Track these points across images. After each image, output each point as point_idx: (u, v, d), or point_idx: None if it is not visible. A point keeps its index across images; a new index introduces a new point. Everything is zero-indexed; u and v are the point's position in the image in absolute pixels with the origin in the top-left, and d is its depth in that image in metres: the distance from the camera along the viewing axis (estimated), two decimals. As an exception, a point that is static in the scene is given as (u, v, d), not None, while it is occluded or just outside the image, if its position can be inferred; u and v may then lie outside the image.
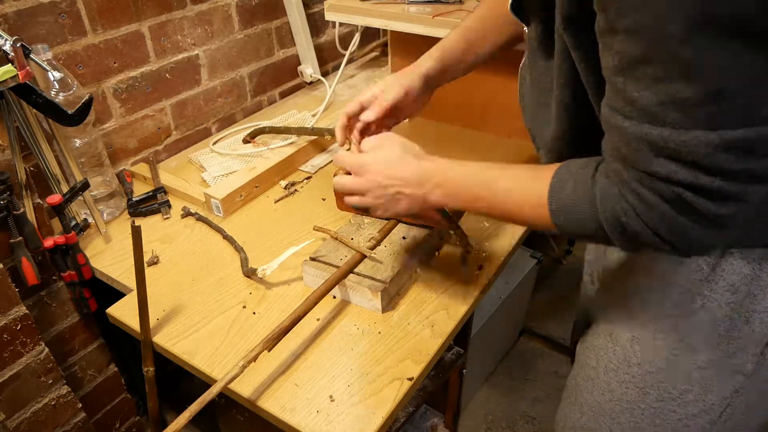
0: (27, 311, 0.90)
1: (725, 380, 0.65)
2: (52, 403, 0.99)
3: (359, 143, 0.80)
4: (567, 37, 0.56)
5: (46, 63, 0.91)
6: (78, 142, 1.05)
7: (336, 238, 0.94)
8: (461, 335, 1.14)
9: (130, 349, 1.21)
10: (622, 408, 0.73)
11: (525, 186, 0.63)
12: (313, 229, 0.99)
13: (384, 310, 0.87)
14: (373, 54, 1.79)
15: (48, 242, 0.94)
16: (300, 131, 1.28)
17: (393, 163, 0.72)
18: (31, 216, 0.91)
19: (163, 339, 0.86)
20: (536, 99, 0.70)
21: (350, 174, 0.76)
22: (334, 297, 0.91)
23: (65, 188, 0.99)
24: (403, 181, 0.71)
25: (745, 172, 0.46)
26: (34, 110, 0.90)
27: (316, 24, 1.60)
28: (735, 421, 0.68)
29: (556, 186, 0.60)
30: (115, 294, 0.97)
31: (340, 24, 1.62)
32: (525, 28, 0.68)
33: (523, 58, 0.73)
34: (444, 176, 0.69)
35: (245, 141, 1.31)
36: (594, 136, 0.59)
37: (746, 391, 0.65)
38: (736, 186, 0.47)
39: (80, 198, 1.01)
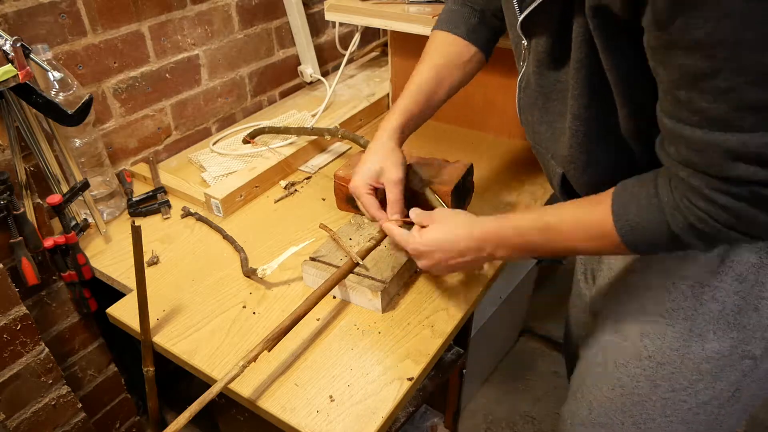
0: (27, 311, 0.90)
1: (735, 366, 0.67)
2: (52, 403, 0.99)
3: (402, 220, 0.85)
4: (601, 41, 0.56)
5: (46, 63, 0.91)
6: (78, 142, 1.05)
7: (334, 239, 0.94)
8: (461, 335, 1.14)
9: (130, 349, 1.21)
10: (634, 401, 0.75)
11: (585, 220, 0.63)
12: (319, 227, 0.99)
13: (384, 310, 0.87)
14: (373, 54, 1.79)
15: (48, 242, 0.94)
16: (300, 131, 1.28)
17: (446, 243, 0.75)
18: (31, 216, 0.91)
19: (163, 339, 0.86)
20: (544, 111, 0.71)
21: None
22: (334, 297, 0.91)
23: (65, 188, 0.99)
24: (460, 254, 0.74)
25: None
26: (34, 110, 0.90)
27: (316, 24, 1.60)
28: (743, 402, 0.70)
29: (619, 211, 0.60)
30: (115, 294, 0.97)
31: (340, 24, 1.62)
32: (524, 41, 0.68)
33: (522, 71, 0.73)
34: (499, 237, 0.71)
35: (245, 141, 1.31)
36: (611, 143, 0.60)
37: (755, 373, 0.67)
38: None
39: (80, 198, 1.01)
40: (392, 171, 0.86)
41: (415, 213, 0.82)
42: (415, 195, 0.96)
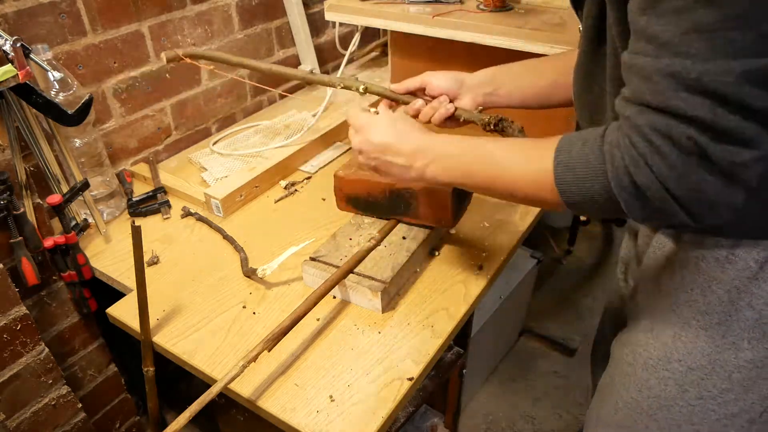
0: (27, 311, 0.90)
1: (767, 379, 0.64)
2: (52, 403, 0.99)
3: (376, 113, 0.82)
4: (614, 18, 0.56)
5: (46, 63, 0.91)
6: (78, 142, 1.05)
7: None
8: (461, 335, 1.14)
9: (130, 349, 1.21)
10: (660, 405, 0.72)
11: (528, 154, 0.62)
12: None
13: (384, 310, 0.87)
14: (373, 54, 1.79)
15: (48, 242, 0.94)
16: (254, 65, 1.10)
17: (390, 131, 0.73)
18: (31, 216, 0.91)
19: (163, 339, 0.86)
20: (587, 91, 0.70)
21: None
22: (334, 297, 0.91)
23: (65, 188, 0.99)
24: (395, 151, 0.72)
25: (766, 112, 0.45)
26: (34, 110, 0.90)
27: (316, 24, 1.60)
28: None
29: (562, 147, 0.58)
30: (115, 294, 0.97)
31: (340, 24, 1.62)
32: (579, 25, 0.68)
33: (578, 53, 0.72)
34: (439, 151, 0.70)
35: (170, 60, 1.09)
36: None
37: None
38: (753, 128, 0.45)
39: (80, 198, 1.01)
40: (437, 76, 0.86)
41: (382, 106, 0.80)
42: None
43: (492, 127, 0.87)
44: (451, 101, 0.87)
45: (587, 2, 0.65)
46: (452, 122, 0.88)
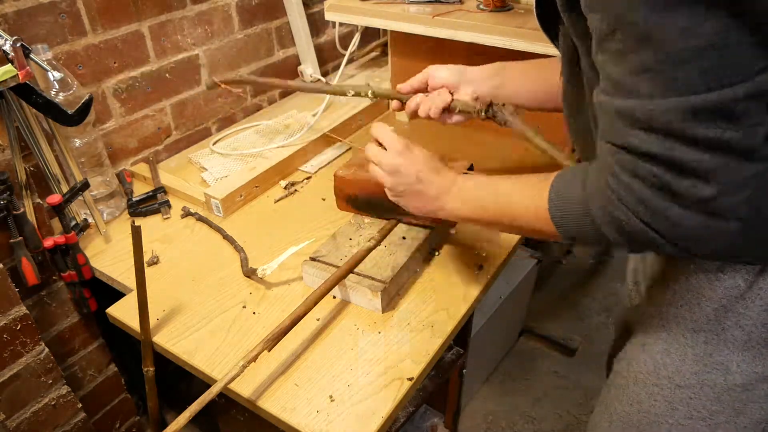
0: (27, 311, 0.90)
1: (759, 403, 0.63)
2: (52, 403, 0.99)
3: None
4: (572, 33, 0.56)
5: (46, 63, 0.91)
6: (78, 142, 1.05)
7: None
8: (461, 335, 1.14)
9: (130, 349, 1.21)
10: (650, 421, 0.72)
11: (530, 191, 0.64)
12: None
13: (384, 310, 0.87)
14: (373, 54, 1.79)
15: (48, 242, 0.94)
16: (313, 89, 1.18)
17: (433, 165, 0.78)
18: (31, 216, 0.91)
19: (163, 339, 0.86)
20: (575, 119, 0.70)
21: (382, 147, 0.81)
22: (334, 297, 0.91)
23: (65, 188, 0.99)
24: (429, 182, 0.76)
25: (721, 142, 0.45)
26: (34, 110, 0.90)
27: (316, 24, 1.60)
28: None
29: (555, 185, 0.60)
30: (115, 294, 0.97)
31: (340, 24, 1.62)
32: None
33: (562, 82, 0.73)
34: (460, 186, 0.74)
35: (213, 86, 1.07)
36: None
37: None
38: (712, 160, 0.45)
39: (80, 198, 1.01)
40: (440, 68, 0.88)
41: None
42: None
43: (484, 115, 0.87)
44: (451, 93, 0.88)
45: (561, 39, 0.65)
46: (449, 113, 0.89)
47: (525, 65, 0.91)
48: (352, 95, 0.96)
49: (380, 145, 0.81)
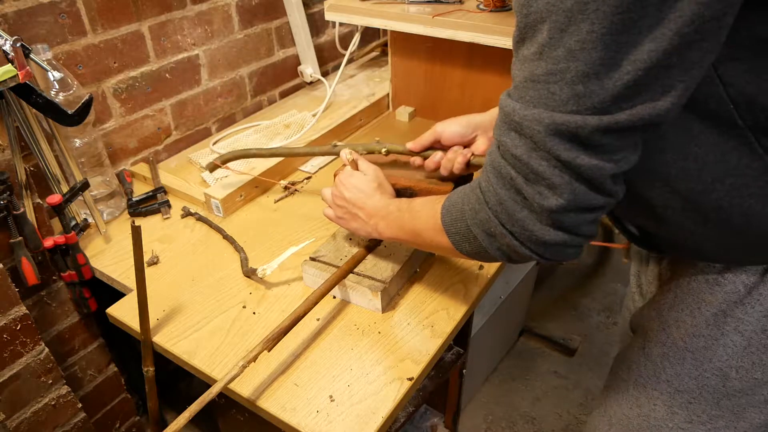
0: (27, 311, 0.90)
1: (759, 408, 0.63)
2: (52, 403, 0.99)
3: (354, 162, 0.90)
4: None
5: (46, 63, 0.91)
6: (78, 142, 1.05)
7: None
8: (461, 335, 1.14)
9: (130, 349, 1.21)
10: (650, 424, 0.72)
11: (433, 204, 0.67)
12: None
13: (384, 310, 0.87)
14: (373, 54, 1.79)
15: (48, 242, 0.94)
16: (289, 152, 1.11)
17: (369, 190, 0.83)
18: (31, 216, 0.91)
19: (163, 339, 0.86)
20: None
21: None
22: (334, 297, 0.91)
23: (65, 188, 0.98)
24: (363, 209, 0.82)
25: (572, 165, 0.47)
26: (34, 110, 0.90)
27: (316, 24, 1.60)
28: None
29: (453, 194, 0.63)
30: (115, 294, 0.97)
31: (340, 24, 1.62)
32: None
33: None
34: (387, 210, 0.79)
35: (212, 168, 1.12)
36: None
37: None
38: (560, 176, 0.48)
39: (80, 198, 1.01)
40: (448, 124, 0.90)
41: (362, 162, 0.88)
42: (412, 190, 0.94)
43: None
44: (467, 146, 0.88)
45: None
46: (473, 168, 0.89)
47: None
48: (366, 153, 0.95)
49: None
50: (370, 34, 1.81)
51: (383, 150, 0.94)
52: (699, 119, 0.50)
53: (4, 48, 0.82)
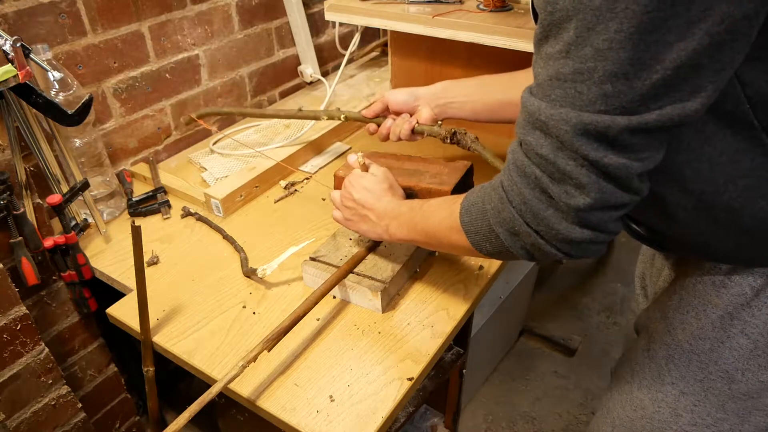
0: (27, 311, 0.90)
1: (765, 411, 0.63)
2: (52, 403, 0.99)
3: (364, 165, 0.90)
4: None
5: (46, 63, 0.91)
6: (78, 142, 1.05)
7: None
8: (461, 335, 1.14)
9: (130, 349, 1.21)
10: (653, 427, 0.72)
11: (448, 204, 0.67)
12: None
13: (384, 310, 0.87)
14: (373, 54, 1.79)
15: (48, 242, 0.94)
16: (258, 113, 1.32)
17: (378, 192, 0.83)
18: (31, 216, 0.91)
19: (163, 339, 0.86)
20: None
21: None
22: (334, 297, 0.91)
23: (65, 188, 0.98)
24: (373, 210, 0.82)
25: (600, 165, 0.47)
26: (34, 110, 0.90)
27: (316, 24, 1.60)
28: None
29: (470, 194, 0.63)
30: (115, 294, 0.97)
31: (340, 24, 1.62)
32: None
33: None
34: (399, 210, 0.79)
35: (188, 121, 1.29)
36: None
37: None
38: (587, 176, 0.48)
39: (80, 198, 1.01)
40: (394, 93, 0.99)
41: (374, 165, 0.88)
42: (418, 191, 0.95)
43: (449, 140, 0.98)
44: (411, 114, 0.99)
45: None
46: (416, 135, 0.99)
47: (467, 83, 0.99)
48: (327, 119, 1.10)
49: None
50: (370, 34, 1.81)
51: (342, 117, 1.04)
52: (714, 119, 0.50)
53: (4, 48, 0.82)
